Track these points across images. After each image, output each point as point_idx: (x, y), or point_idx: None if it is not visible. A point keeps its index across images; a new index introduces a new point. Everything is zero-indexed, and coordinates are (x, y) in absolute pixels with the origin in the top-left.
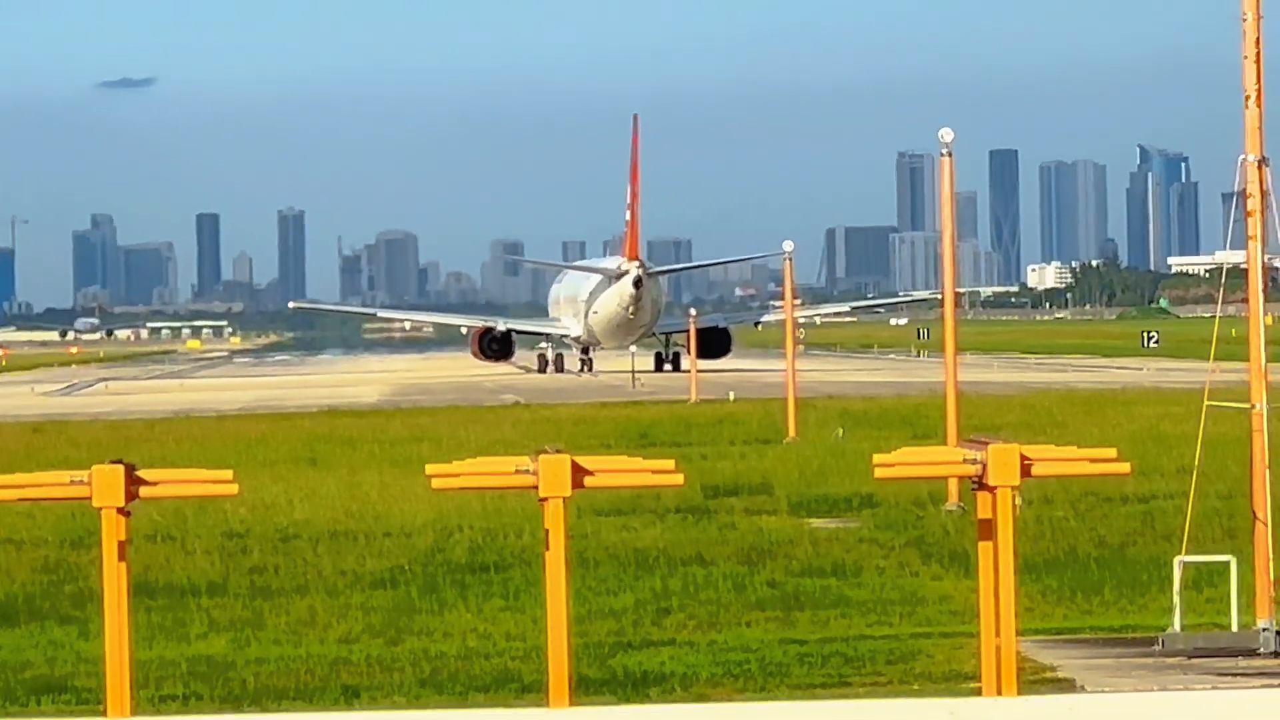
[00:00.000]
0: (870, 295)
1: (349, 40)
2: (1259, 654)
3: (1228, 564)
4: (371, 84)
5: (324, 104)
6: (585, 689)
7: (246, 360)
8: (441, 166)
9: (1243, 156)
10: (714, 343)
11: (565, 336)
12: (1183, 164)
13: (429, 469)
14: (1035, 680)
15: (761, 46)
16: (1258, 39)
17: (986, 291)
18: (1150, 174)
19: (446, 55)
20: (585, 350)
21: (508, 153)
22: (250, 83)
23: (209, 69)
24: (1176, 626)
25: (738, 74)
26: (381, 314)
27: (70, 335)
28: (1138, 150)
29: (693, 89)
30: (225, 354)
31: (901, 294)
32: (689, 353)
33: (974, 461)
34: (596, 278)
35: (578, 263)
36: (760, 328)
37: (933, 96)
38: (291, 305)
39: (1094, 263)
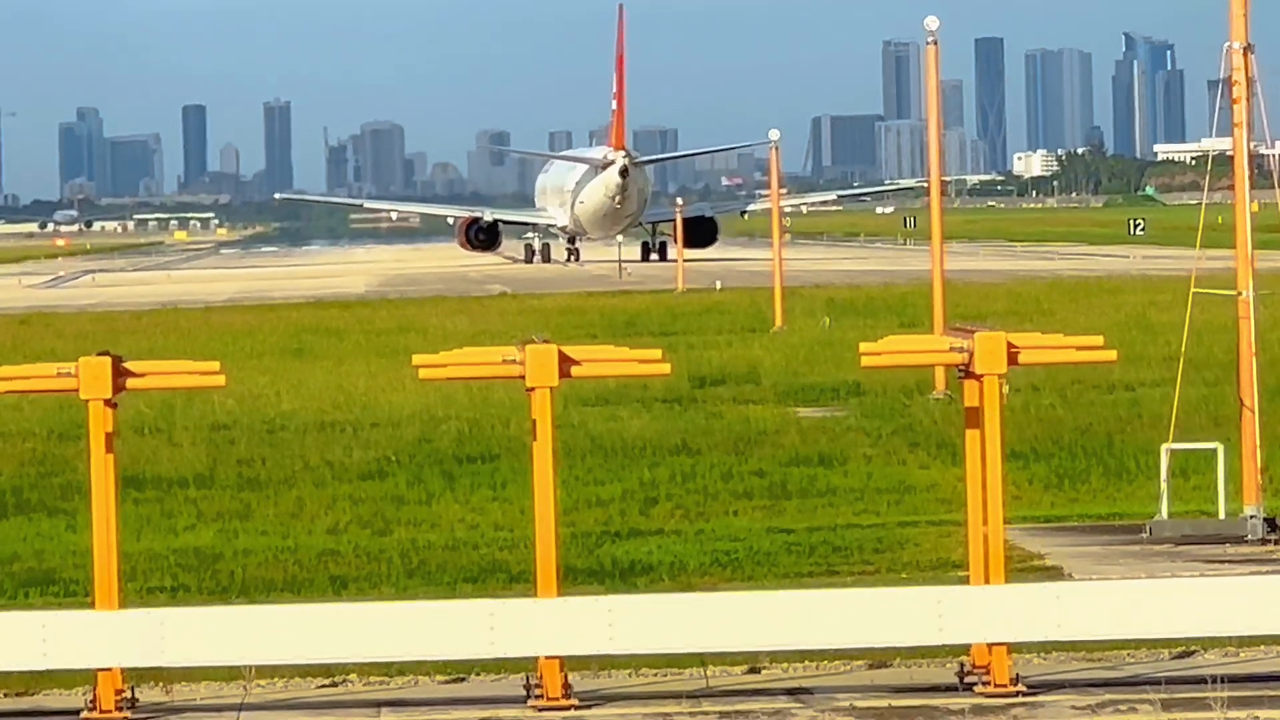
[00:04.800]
0: (856, 184)
1: None
2: (1246, 540)
3: (1215, 451)
4: None
5: None
6: (573, 579)
7: (233, 252)
8: (428, 57)
9: (1228, 44)
10: (700, 232)
11: (552, 226)
12: (1168, 51)
13: (416, 359)
14: (1023, 568)
15: None
16: None
17: (973, 180)
18: (1136, 61)
19: None
20: (572, 240)
21: (494, 43)
22: None
23: None
24: (1164, 514)
25: None
26: (368, 205)
27: (50, 227)
28: (1123, 38)
29: None
30: (212, 245)
31: (888, 182)
32: (675, 242)
33: (961, 350)
34: (583, 168)
35: (564, 153)
36: (746, 217)
37: None
38: (278, 196)
39: (1080, 150)
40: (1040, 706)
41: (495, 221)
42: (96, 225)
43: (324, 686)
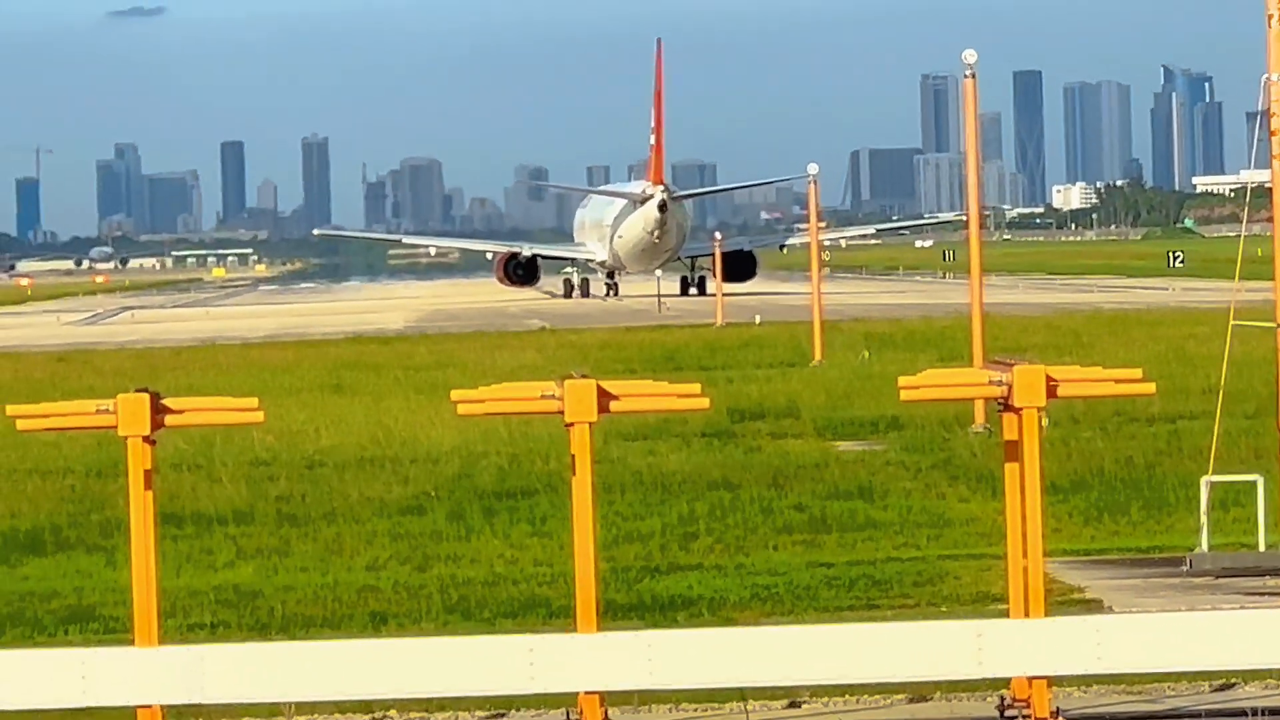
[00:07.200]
0: (895, 217)
1: None
2: None
3: (1255, 483)
4: (395, 8)
5: (348, 31)
6: (613, 614)
7: (271, 288)
8: (466, 92)
9: (1266, 76)
10: (739, 266)
11: (590, 261)
12: (1207, 83)
13: (455, 395)
14: (1063, 601)
15: None
16: None
17: (1012, 213)
18: (1174, 94)
19: None
20: (610, 275)
21: (532, 78)
22: (261, 10)
23: None
24: (1204, 546)
25: None
26: (406, 240)
27: (85, 264)
28: (1162, 70)
29: (717, 12)
30: (250, 282)
31: (926, 216)
32: (714, 276)
33: (1000, 383)
34: (621, 202)
35: (603, 187)
36: (785, 251)
37: (956, 18)
38: (316, 232)
39: (1119, 183)
40: None
41: (534, 256)
42: (133, 263)
43: None
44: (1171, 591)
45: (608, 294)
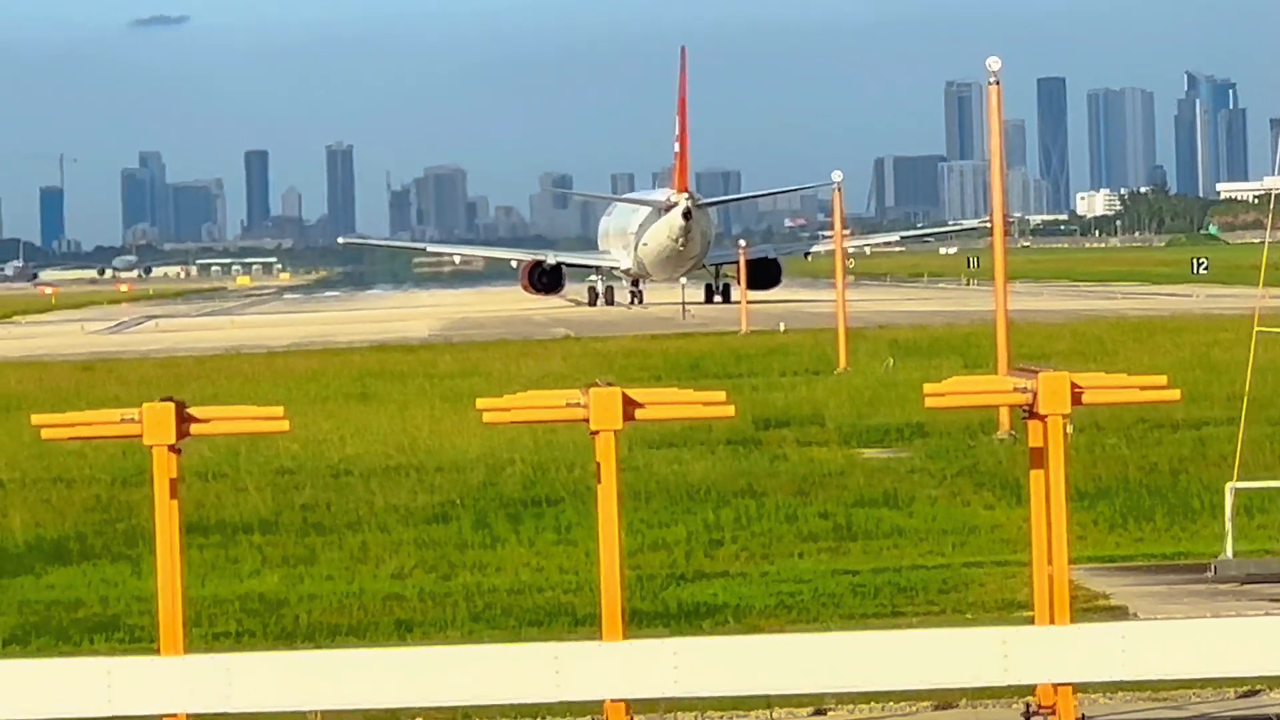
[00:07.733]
0: (919, 225)
1: None
2: None
3: None
4: (419, 16)
5: (372, 39)
6: (638, 622)
7: (296, 296)
8: (490, 100)
9: None
10: (764, 274)
11: (615, 269)
12: (1230, 90)
13: (480, 403)
14: (1088, 608)
15: None
16: None
17: (1036, 220)
18: (1198, 100)
19: None
20: (635, 283)
21: (556, 85)
22: (284, 19)
23: (242, 6)
24: (1229, 553)
25: (786, 3)
26: (431, 248)
27: (108, 273)
28: (1185, 77)
29: (741, 19)
30: (275, 290)
31: (951, 223)
32: (739, 284)
33: (1024, 390)
34: (646, 210)
35: (627, 195)
36: (810, 258)
37: (980, 25)
38: (341, 241)
39: (1143, 190)
40: None
41: (558, 264)
42: (157, 271)
43: None
44: (1196, 598)
45: (632, 302)
